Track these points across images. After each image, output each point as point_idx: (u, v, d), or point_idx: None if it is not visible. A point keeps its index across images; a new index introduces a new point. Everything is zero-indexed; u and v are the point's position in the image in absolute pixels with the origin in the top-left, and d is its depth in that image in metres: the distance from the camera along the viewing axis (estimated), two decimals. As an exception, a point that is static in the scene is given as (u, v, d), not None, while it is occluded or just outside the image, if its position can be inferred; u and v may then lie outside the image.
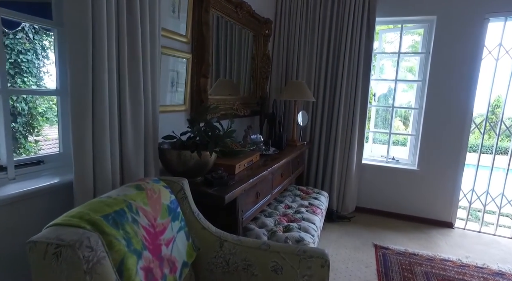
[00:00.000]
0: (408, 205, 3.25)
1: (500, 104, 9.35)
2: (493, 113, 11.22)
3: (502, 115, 2.97)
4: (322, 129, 3.28)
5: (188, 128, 1.56)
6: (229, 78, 2.71)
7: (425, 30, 3.17)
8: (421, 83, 3.21)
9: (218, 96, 2.42)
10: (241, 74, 2.86)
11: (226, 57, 2.65)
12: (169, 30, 1.75)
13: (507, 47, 2.88)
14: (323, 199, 2.66)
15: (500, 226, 3.09)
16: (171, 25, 1.77)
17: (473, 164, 3.16)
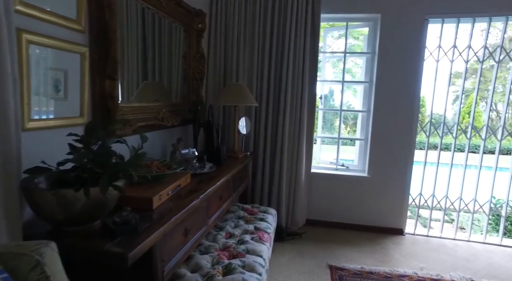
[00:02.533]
0: (360, 214, 3.08)
1: (424, 103, 10.02)
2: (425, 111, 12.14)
3: (444, 115, 2.94)
4: (267, 137, 2.94)
5: (69, 153, 1.06)
6: (159, 80, 2.23)
7: (370, 29, 3.03)
8: (368, 84, 3.05)
9: (138, 103, 1.92)
10: (173, 76, 2.40)
11: (154, 55, 2.18)
12: (44, 9, 1.21)
13: (445, 49, 2.84)
14: (271, 219, 2.31)
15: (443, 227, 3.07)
16: (48, 3, 1.23)
17: (420, 163, 3.10)
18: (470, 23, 2.78)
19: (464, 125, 3.00)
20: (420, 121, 3.00)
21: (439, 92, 2.94)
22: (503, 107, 2.84)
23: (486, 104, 2.99)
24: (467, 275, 2.34)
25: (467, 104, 11.97)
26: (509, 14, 2.67)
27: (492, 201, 2.96)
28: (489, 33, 2.78)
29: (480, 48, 2.79)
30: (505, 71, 6.31)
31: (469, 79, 9.94)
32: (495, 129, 2.87)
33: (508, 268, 2.50)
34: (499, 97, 8.59)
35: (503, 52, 2.76)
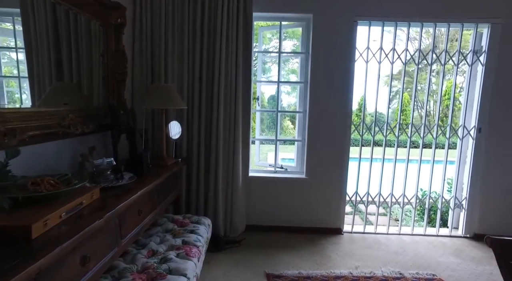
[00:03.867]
0: (300, 217, 3.05)
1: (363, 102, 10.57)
2: (359, 111, 12.89)
3: (375, 116, 3.04)
4: (200, 141, 2.77)
5: None
6: (77, 81, 1.97)
7: (303, 29, 3.02)
8: (304, 85, 3.04)
9: (38, 108, 1.63)
10: (94, 77, 2.16)
11: (71, 54, 1.94)
12: None
13: (373, 50, 2.94)
14: (203, 230, 2.15)
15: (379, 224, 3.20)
16: None
17: (364, 161, 3.18)
18: (393, 27, 2.91)
19: (408, 121, 3.13)
20: (361, 120, 3.06)
21: (376, 92, 3.02)
22: (426, 106, 3.03)
23: (416, 103, 3.16)
24: (396, 268, 2.42)
25: (403, 103, 13.03)
26: (424, 21, 2.84)
27: (418, 193, 3.15)
28: (415, 38, 2.93)
29: (402, 51, 2.92)
30: (432, 72, 6.97)
31: (404, 79, 10.66)
32: (426, 126, 3.04)
33: (430, 256, 2.65)
34: (428, 96, 9.43)
35: (422, 56, 2.93)
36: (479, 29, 2.88)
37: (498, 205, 2.98)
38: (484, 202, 2.99)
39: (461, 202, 3.06)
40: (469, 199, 3.01)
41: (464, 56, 2.93)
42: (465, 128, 2.99)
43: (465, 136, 3.00)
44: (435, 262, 2.57)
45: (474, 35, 2.90)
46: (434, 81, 8.44)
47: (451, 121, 3.03)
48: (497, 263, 1.82)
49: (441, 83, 3.07)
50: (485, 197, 2.98)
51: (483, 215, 3.00)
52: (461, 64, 3.00)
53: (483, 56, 2.87)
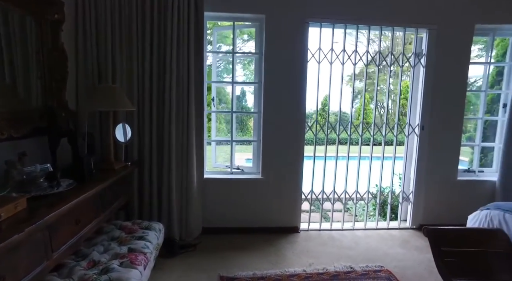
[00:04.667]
0: (257, 217, 3.06)
1: (327, 102, 10.92)
2: (323, 110, 13.28)
3: (328, 115, 3.13)
4: (152, 144, 2.68)
5: None
6: (10, 81, 1.82)
7: (257, 29, 3.02)
8: (258, 85, 3.05)
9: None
10: (31, 77, 2.01)
11: (2, 52, 1.76)
12: None
13: (325, 51, 3.01)
14: (153, 236, 2.07)
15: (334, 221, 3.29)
16: None
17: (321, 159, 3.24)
18: (343, 29, 3.00)
19: (359, 121, 3.24)
20: (325, 119, 3.13)
21: (338, 92, 3.09)
22: (376, 106, 3.17)
23: (371, 103, 3.29)
24: (348, 263, 2.50)
25: (361, 102, 13.61)
26: (371, 24, 2.97)
27: (373, 189, 3.28)
28: (373, 40, 3.05)
29: (352, 52, 3.03)
30: (387, 74, 7.33)
31: (367, 81, 11.18)
32: (376, 125, 3.17)
33: (380, 249, 2.78)
34: (387, 96, 9.94)
35: (370, 58, 3.06)
36: (419, 34, 3.07)
37: (440, 197, 3.19)
38: (428, 194, 3.19)
39: (408, 195, 3.24)
40: (415, 193, 3.19)
41: (407, 58, 3.11)
42: (410, 126, 3.17)
43: (410, 134, 3.18)
44: (384, 254, 2.69)
45: (415, 39, 3.08)
46: (392, 82, 8.91)
47: (398, 120, 3.19)
48: (431, 249, 1.95)
49: (388, 83, 3.23)
50: (429, 190, 3.18)
51: (427, 206, 3.20)
52: (409, 66, 3.17)
53: (423, 58, 3.06)
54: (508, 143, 3.02)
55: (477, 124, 3.32)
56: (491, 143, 3.35)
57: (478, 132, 3.30)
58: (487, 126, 3.47)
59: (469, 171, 3.31)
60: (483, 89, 3.27)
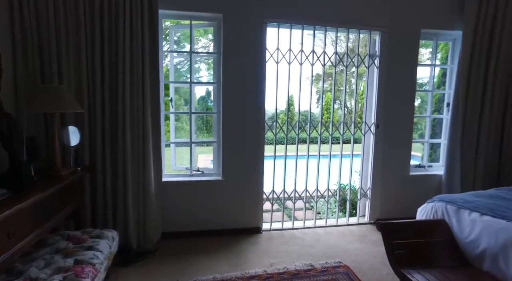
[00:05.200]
0: (219, 219, 3.01)
1: (293, 102, 11.04)
2: (288, 110, 13.48)
3: (287, 115, 3.16)
4: (105, 147, 2.54)
5: None
6: None
7: (215, 29, 2.98)
8: (217, 85, 3.01)
9: None
10: None
11: None
12: None
13: (283, 51, 3.04)
14: (104, 245, 1.96)
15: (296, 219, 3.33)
16: None
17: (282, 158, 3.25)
18: (300, 30, 3.05)
19: (323, 120, 3.30)
20: (290, 119, 3.15)
21: (298, 92, 3.12)
22: (333, 105, 3.25)
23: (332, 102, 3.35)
24: (308, 261, 2.53)
25: (325, 102, 13.99)
26: (327, 25, 3.05)
27: (333, 186, 3.37)
28: (337, 41, 3.12)
29: (309, 53, 3.09)
30: (349, 74, 7.61)
31: (327, 81, 11.56)
32: (333, 123, 3.26)
33: (339, 245, 2.85)
34: (348, 96, 10.32)
35: (327, 58, 3.14)
36: (373, 36, 3.20)
37: (395, 192, 3.35)
38: (384, 190, 3.33)
39: (366, 192, 3.37)
40: (372, 189, 3.32)
41: (362, 59, 3.23)
42: (366, 125, 3.30)
43: (366, 132, 3.31)
44: (343, 250, 2.76)
45: (369, 41, 3.21)
46: (354, 82, 9.29)
47: (355, 119, 3.31)
48: (383, 243, 2.03)
49: (344, 84, 3.33)
50: (384, 186, 3.33)
51: (383, 201, 3.35)
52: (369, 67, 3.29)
53: (377, 59, 3.20)
54: (451, 139, 3.25)
55: (426, 122, 3.54)
56: (439, 139, 3.58)
57: (427, 129, 3.51)
58: (436, 123, 3.71)
59: (420, 167, 3.52)
60: (429, 89, 3.49)
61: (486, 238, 1.89)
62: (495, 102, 3.23)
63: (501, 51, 3.16)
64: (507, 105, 3.28)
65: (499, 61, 3.17)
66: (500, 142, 3.33)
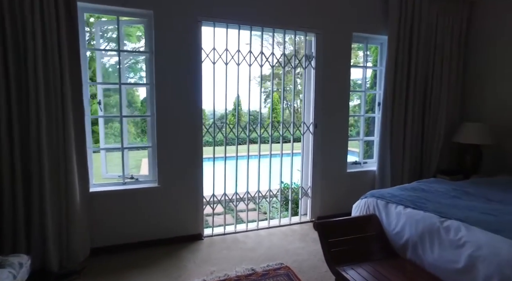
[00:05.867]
0: (156, 229, 2.83)
1: (239, 103, 11.01)
2: (235, 110, 13.48)
3: (214, 116, 3.09)
4: (14, 159, 2.20)
5: None
6: None
7: (145, 26, 2.78)
8: (150, 86, 2.82)
9: None
10: None
11: None
12: None
13: (219, 51, 2.96)
14: (6, 275, 1.67)
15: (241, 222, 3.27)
16: None
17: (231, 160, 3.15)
18: (237, 29, 2.99)
19: (263, 121, 3.25)
20: (229, 121, 3.04)
21: (244, 93, 3.04)
22: (272, 105, 3.26)
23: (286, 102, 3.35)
24: (250, 265, 2.49)
25: (273, 102, 14.22)
26: (264, 26, 3.03)
27: (276, 186, 3.38)
28: (280, 42, 3.09)
29: (246, 53, 3.05)
30: (290, 75, 7.78)
31: (266, 81, 11.74)
32: (273, 124, 3.26)
33: (281, 246, 2.85)
34: (293, 96, 10.58)
35: (265, 58, 3.14)
36: (308, 37, 3.27)
37: (334, 189, 3.47)
38: (324, 188, 3.43)
39: (306, 190, 3.44)
40: (313, 187, 3.40)
41: (299, 60, 3.28)
42: (305, 124, 3.36)
43: (305, 132, 3.37)
44: (285, 250, 2.77)
45: (305, 42, 3.28)
46: (300, 82, 9.61)
47: (294, 119, 3.36)
48: (320, 242, 2.06)
49: (283, 84, 3.36)
50: (324, 184, 3.43)
51: (324, 199, 3.45)
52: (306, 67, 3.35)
53: (313, 61, 3.28)
54: (382, 137, 3.46)
55: (361, 121, 3.73)
56: (372, 137, 3.80)
57: (362, 128, 3.70)
58: (370, 122, 3.93)
59: (356, 163, 3.70)
60: (362, 89, 3.69)
61: (408, 228, 2.02)
62: (416, 102, 3.51)
63: (419, 55, 3.45)
64: (425, 106, 3.59)
65: (418, 64, 3.46)
66: (421, 139, 3.64)
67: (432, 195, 2.33)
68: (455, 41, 3.59)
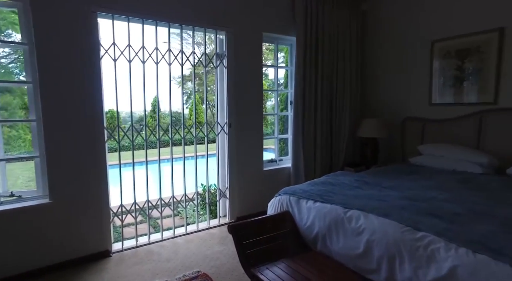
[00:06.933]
0: (53, 252, 2.41)
1: (156, 103, 10.47)
2: (154, 112, 12.71)
3: (117, 117, 2.82)
4: None
5: None
6: None
7: (19, 12, 2.32)
8: (32, 85, 2.37)
9: None
10: None
11: None
12: None
13: (121, 47, 2.67)
14: None
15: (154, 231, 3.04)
16: None
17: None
18: (141, 24, 2.75)
19: (192, 121, 3.02)
20: (162, 123, 2.72)
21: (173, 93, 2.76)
22: (170, 107, 3.09)
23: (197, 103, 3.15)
24: (164, 278, 2.31)
25: (191, 103, 13.84)
26: (171, 21, 2.85)
27: (193, 190, 3.22)
28: (201, 43, 2.88)
29: (153, 50, 2.82)
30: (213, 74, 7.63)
31: (193, 81, 11.31)
32: (184, 125, 3.09)
33: (199, 252, 2.72)
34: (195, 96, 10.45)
35: (168, 55, 2.96)
36: (219, 35, 3.20)
37: (251, 189, 3.48)
38: (242, 188, 3.42)
39: (224, 192, 3.38)
40: (230, 188, 3.36)
41: (210, 59, 3.19)
42: (219, 125, 3.29)
43: (220, 132, 3.30)
44: (203, 256, 2.66)
45: (215, 40, 3.20)
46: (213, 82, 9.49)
47: (207, 119, 3.25)
48: (235, 245, 2.01)
49: (193, 84, 3.22)
50: (241, 184, 3.42)
51: (242, 199, 3.44)
52: (210, 66, 3.25)
53: (225, 59, 3.22)
54: (295, 134, 3.62)
55: (275, 119, 3.83)
56: (287, 135, 3.95)
57: (276, 126, 3.81)
58: (286, 120, 4.07)
59: (272, 161, 3.79)
60: (275, 89, 3.79)
61: (317, 222, 2.12)
62: (324, 101, 3.77)
63: (325, 57, 3.71)
64: (332, 104, 3.89)
65: (324, 66, 3.71)
66: (330, 135, 3.93)
67: (338, 188, 2.49)
68: (353, 45, 3.96)
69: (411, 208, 1.95)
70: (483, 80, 3.15)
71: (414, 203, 2.04)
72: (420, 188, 2.43)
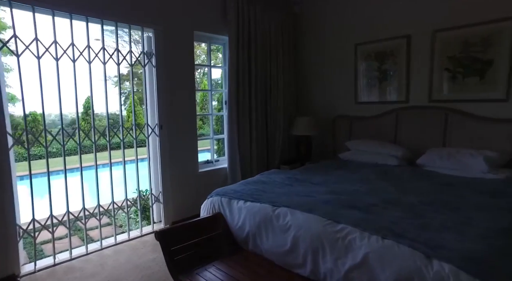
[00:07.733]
0: None
1: (89, 105, 9.64)
2: (87, 114, 11.70)
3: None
4: None
5: None
6: None
7: None
8: None
9: None
10: None
11: None
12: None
13: (26, 41, 2.36)
14: None
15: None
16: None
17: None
18: (51, 16, 2.47)
19: (130, 123, 2.76)
20: (98, 126, 2.41)
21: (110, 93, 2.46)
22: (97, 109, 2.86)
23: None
24: (86, 297, 2.11)
25: (129, 104, 13.04)
26: (89, 15, 2.62)
27: (124, 196, 3.01)
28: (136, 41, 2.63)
29: (68, 47, 2.55)
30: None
31: (134, 81, 10.63)
32: (111, 128, 2.86)
33: (130, 263, 2.55)
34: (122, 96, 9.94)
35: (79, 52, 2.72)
36: (147, 33, 3.04)
37: (187, 191, 3.38)
38: (176, 191, 3.29)
39: (157, 196, 3.22)
40: (164, 192, 3.21)
41: (137, 57, 3.00)
42: (149, 126, 3.12)
43: (150, 134, 3.14)
44: (133, 267, 2.49)
45: (142, 38, 3.03)
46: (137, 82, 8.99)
47: (135, 121, 3.07)
48: (162, 252, 1.92)
49: (119, 84, 3.01)
50: (176, 187, 3.29)
51: (177, 203, 3.31)
52: (138, 65, 3.07)
53: (154, 58, 3.07)
54: (230, 134, 3.60)
55: (210, 120, 3.77)
56: (222, 135, 3.91)
57: (211, 126, 3.75)
58: (222, 120, 4.03)
59: (209, 162, 3.72)
60: (209, 89, 3.73)
61: (248, 222, 2.12)
62: (259, 100, 3.81)
63: (258, 57, 3.75)
64: (267, 103, 3.96)
65: (257, 65, 3.75)
66: (266, 134, 3.99)
67: (269, 186, 2.53)
68: (285, 46, 4.08)
69: (335, 201, 2.06)
70: (398, 80, 3.49)
71: (338, 197, 2.16)
72: (345, 182, 2.59)
